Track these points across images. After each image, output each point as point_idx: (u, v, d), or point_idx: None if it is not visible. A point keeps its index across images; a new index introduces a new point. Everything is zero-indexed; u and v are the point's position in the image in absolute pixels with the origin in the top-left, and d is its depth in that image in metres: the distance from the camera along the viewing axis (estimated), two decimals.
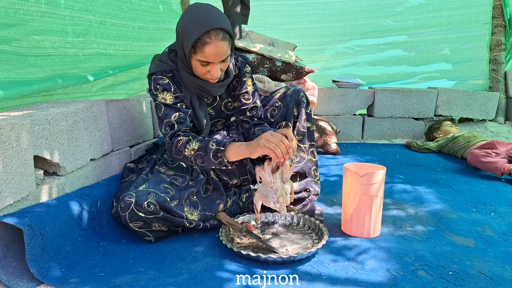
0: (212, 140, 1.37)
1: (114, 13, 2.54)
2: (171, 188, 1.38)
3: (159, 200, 1.29)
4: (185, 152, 1.38)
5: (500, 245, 1.36)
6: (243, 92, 1.60)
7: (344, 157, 2.67)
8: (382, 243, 1.36)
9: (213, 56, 1.33)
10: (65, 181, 1.38)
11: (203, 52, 1.32)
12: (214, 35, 1.30)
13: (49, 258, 1.15)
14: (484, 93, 3.37)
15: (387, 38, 3.63)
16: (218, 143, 1.36)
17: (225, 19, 1.36)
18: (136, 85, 2.90)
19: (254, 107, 1.62)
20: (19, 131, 1.14)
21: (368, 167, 1.46)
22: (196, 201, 1.43)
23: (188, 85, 1.46)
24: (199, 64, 1.37)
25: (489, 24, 3.47)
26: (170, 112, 1.42)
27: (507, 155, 2.29)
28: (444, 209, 1.70)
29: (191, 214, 1.38)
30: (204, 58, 1.34)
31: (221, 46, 1.32)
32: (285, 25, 3.65)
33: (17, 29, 1.79)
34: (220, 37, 1.31)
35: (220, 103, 1.61)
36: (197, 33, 1.29)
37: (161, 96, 1.43)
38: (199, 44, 1.31)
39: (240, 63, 1.59)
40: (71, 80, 2.03)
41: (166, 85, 1.44)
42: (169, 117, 1.42)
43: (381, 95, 3.23)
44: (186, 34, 1.33)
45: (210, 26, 1.29)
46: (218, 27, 1.30)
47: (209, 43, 1.30)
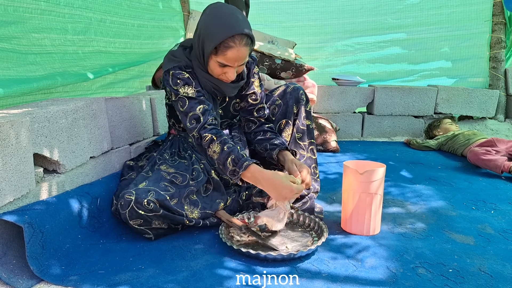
0: (230, 156, 1.32)
1: (113, 11, 2.54)
2: (171, 186, 1.38)
3: (159, 198, 1.29)
4: (208, 151, 1.37)
5: (500, 242, 1.36)
6: (251, 92, 1.59)
7: (344, 155, 2.67)
8: (382, 240, 1.36)
9: (233, 60, 1.33)
10: (64, 179, 1.38)
11: (225, 55, 1.32)
12: (239, 40, 1.30)
13: (49, 256, 1.15)
14: (484, 91, 3.37)
15: (387, 36, 3.62)
16: (235, 162, 1.31)
17: (249, 24, 1.35)
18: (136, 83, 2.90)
19: (261, 108, 1.62)
20: (19, 129, 1.14)
21: (368, 165, 1.46)
22: (196, 200, 1.42)
23: (203, 83, 1.45)
24: (217, 65, 1.36)
25: (489, 21, 3.46)
26: (194, 105, 1.39)
27: (507, 153, 2.29)
28: (444, 206, 1.70)
29: (191, 213, 1.38)
30: (225, 61, 1.33)
31: (243, 52, 1.32)
32: (284, 23, 3.65)
33: (17, 27, 1.78)
34: (243, 42, 1.31)
35: (229, 103, 1.61)
36: (223, 35, 1.28)
37: (182, 90, 1.40)
38: (222, 47, 1.30)
39: (249, 63, 1.58)
40: (71, 78, 2.03)
41: (187, 79, 1.42)
42: (194, 109, 1.39)
43: (381, 93, 3.22)
44: (210, 34, 1.32)
45: (236, 31, 1.28)
46: (243, 32, 1.30)
47: (232, 47, 1.30)
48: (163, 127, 2.10)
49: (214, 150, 1.35)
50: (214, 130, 1.39)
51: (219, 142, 1.35)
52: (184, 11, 3.44)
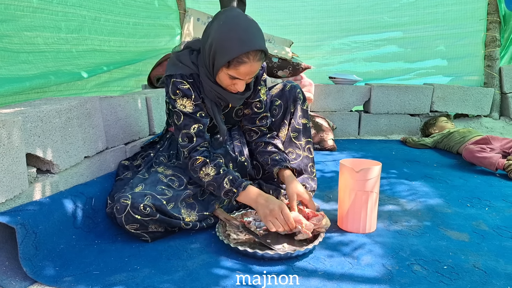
0: (227, 177, 1.35)
1: (108, 9, 2.52)
2: (168, 189, 1.36)
3: (156, 203, 1.28)
4: (200, 174, 1.38)
5: (494, 239, 1.36)
6: (256, 100, 1.56)
7: (341, 153, 2.67)
8: (378, 238, 1.36)
9: (245, 75, 1.31)
10: (58, 179, 1.36)
11: (237, 69, 1.28)
12: (253, 56, 1.26)
13: (43, 257, 1.14)
14: (479, 89, 3.38)
15: (383, 34, 3.62)
16: (232, 182, 1.35)
17: (263, 37, 1.32)
18: (131, 81, 2.88)
19: (264, 116, 1.59)
20: (11, 128, 1.13)
21: (364, 163, 1.45)
22: (193, 203, 1.41)
23: (208, 92, 1.41)
24: (227, 77, 1.33)
25: (484, 20, 3.47)
26: (189, 123, 1.39)
27: (501, 150, 2.30)
28: (439, 204, 1.70)
29: (188, 216, 1.36)
30: (236, 75, 1.30)
31: (256, 67, 1.30)
32: (281, 21, 3.64)
33: (8, 25, 1.76)
34: (257, 58, 1.28)
35: (232, 109, 1.57)
36: (237, 51, 1.25)
37: (180, 102, 1.39)
38: (235, 62, 1.27)
39: (258, 72, 1.53)
40: (65, 77, 2.01)
41: (186, 91, 1.38)
42: (188, 128, 1.39)
43: (377, 91, 3.23)
44: (223, 48, 1.27)
45: (251, 47, 1.25)
46: (259, 48, 1.27)
47: (246, 63, 1.27)
48: (159, 126, 2.09)
49: (208, 172, 1.37)
50: (206, 152, 1.41)
51: (214, 165, 1.38)
52: (180, 9, 3.43)
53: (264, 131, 1.61)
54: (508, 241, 1.35)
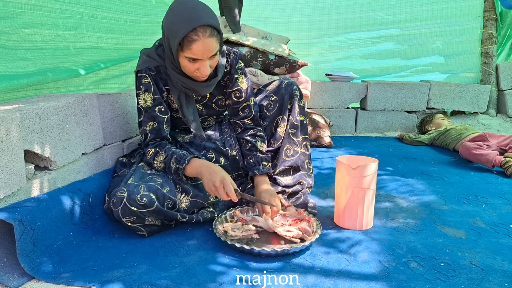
0: (173, 157, 1.40)
1: (105, 6, 2.50)
2: (157, 176, 1.38)
3: (151, 189, 1.29)
4: (154, 164, 1.43)
5: (491, 236, 1.37)
6: (235, 90, 1.57)
7: (338, 150, 2.68)
8: (374, 235, 1.37)
9: (201, 53, 1.31)
10: (56, 176, 1.36)
11: (190, 49, 1.29)
12: (202, 32, 1.27)
13: (41, 253, 1.14)
14: (476, 86, 3.39)
15: (380, 31, 3.63)
16: (177, 160, 1.39)
17: (213, 15, 1.33)
18: (128, 78, 2.87)
19: (246, 106, 1.60)
20: (9, 125, 1.13)
21: (361, 160, 1.46)
22: (187, 187, 1.43)
23: (175, 83, 1.44)
24: (187, 61, 1.34)
25: (481, 17, 3.48)
26: (146, 120, 1.45)
27: (498, 148, 2.31)
28: (436, 201, 1.71)
29: (180, 202, 1.38)
30: (192, 55, 1.31)
31: (208, 43, 1.29)
32: (278, 19, 3.64)
33: (6, 22, 1.75)
34: (207, 33, 1.28)
35: (211, 99, 1.59)
36: (184, 30, 1.26)
37: (142, 97, 1.44)
38: (186, 42, 1.28)
39: (231, 59, 1.55)
40: (62, 73, 2.00)
41: (147, 85, 1.43)
42: (145, 124, 1.45)
43: (374, 88, 3.23)
44: (172, 31, 1.30)
45: (197, 23, 1.26)
46: (205, 23, 1.27)
47: (196, 40, 1.27)
48: None
49: (161, 160, 1.42)
50: (156, 143, 1.46)
51: (164, 151, 1.42)
52: None
53: (247, 124, 1.61)
54: (505, 238, 1.36)
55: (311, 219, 1.38)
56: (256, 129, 1.62)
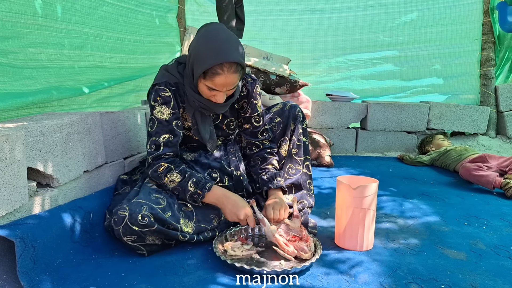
0: (191, 180, 1.40)
1: (110, 26, 2.56)
2: (162, 198, 1.37)
3: (153, 212, 1.29)
4: (165, 180, 1.42)
5: (491, 258, 1.37)
6: (255, 115, 1.60)
7: (338, 169, 2.68)
8: (375, 256, 1.36)
9: (222, 86, 1.34)
10: (58, 193, 1.37)
11: (213, 80, 1.32)
12: (227, 67, 1.30)
13: (40, 271, 1.14)
14: (475, 108, 3.42)
15: (380, 53, 3.69)
16: (196, 184, 1.40)
17: (241, 49, 1.35)
18: (131, 97, 2.91)
19: (265, 130, 1.64)
20: (13, 143, 1.14)
21: (361, 180, 1.47)
22: (191, 211, 1.42)
23: (192, 102, 1.46)
24: (205, 88, 1.37)
25: (479, 40, 3.54)
26: (161, 131, 1.42)
27: (498, 169, 2.32)
28: (437, 222, 1.71)
29: (185, 226, 1.37)
30: (213, 86, 1.34)
31: (231, 78, 1.33)
32: (279, 40, 3.70)
33: (14, 42, 1.80)
34: (232, 69, 1.31)
35: (223, 121, 1.60)
36: (211, 62, 1.29)
37: (158, 109, 1.42)
38: (209, 73, 1.31)
39: (249, 84, 1.57)
40: (66, 92, 2.04)
41: (167, 98, 1.43)
42: (158, 136, 1.42)
43: (374, 108, 3.26)
44: (199, 59, 1.32)
45: (225, 59, 1.29)
46: (233, 60, 1.30)
47: (220, 74, 1.30)
48: None
49: (173, 179, 1.41)
50: (170, 159, 1.44)
51: (179, 171, 1.41)
52: (180, 27, 3.49)
53: (266, 145, 1.64)
54: (505, 261, 1.35)
55: (309, 239, 1.38)
56: (272, 148, 1.66)
